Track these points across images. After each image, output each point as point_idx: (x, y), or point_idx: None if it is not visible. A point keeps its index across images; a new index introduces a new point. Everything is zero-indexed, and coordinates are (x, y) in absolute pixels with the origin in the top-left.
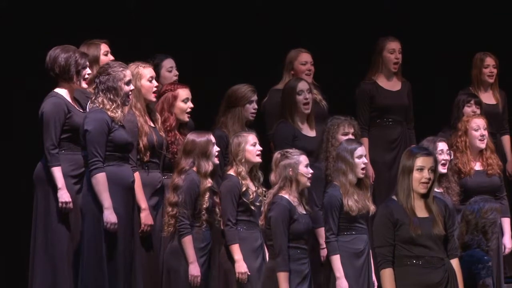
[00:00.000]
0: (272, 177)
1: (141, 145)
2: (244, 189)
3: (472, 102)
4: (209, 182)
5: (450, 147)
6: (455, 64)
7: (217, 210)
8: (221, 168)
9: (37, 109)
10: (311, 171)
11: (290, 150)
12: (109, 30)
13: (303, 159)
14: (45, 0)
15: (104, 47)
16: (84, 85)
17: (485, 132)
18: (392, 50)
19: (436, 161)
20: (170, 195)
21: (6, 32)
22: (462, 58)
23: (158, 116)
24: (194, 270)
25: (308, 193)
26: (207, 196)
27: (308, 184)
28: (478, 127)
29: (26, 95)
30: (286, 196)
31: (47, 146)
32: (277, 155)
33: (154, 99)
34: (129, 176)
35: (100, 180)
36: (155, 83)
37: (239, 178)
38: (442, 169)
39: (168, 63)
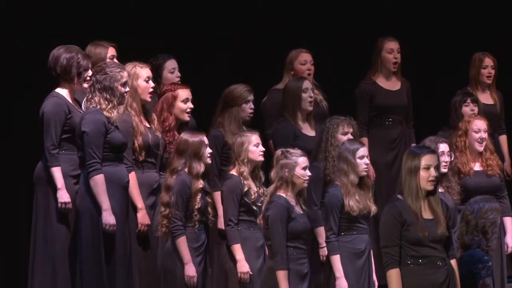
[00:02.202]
0: (272, 173)
1: (136, 144)
2: (246, 189)
3: (469, 101)
4: (200, 183)
5: (450, 146)
6: (455, 64)
7: (209, 210)
8: (217, 168)
9: (38, 109)
10: (309, 173)
11: (292, 150)
12: (109, 30)
13: (302, 161)
14: (45, 1)
15: (111, 51)
16: (85, 85)
17: (485, 135)
18: (391, 50)
19: (439, 159)
20: (162, 195)
21: (6, 32)
22: (462, 58)
23: (154, 116)
24: (190, 270)
25: (306, 193)
26: (199, 197)
27: (305, 185)
28: (479, 129)
29: (26, 95)
30: (284, 195)
31: (47, 146)
32: (278, 152)
33: (150, 99)
34: (125, 176)
35: (99, 181)
36: (151, 83)
37: (241, 178)
38: (443, 169)
39: (171, 64)
